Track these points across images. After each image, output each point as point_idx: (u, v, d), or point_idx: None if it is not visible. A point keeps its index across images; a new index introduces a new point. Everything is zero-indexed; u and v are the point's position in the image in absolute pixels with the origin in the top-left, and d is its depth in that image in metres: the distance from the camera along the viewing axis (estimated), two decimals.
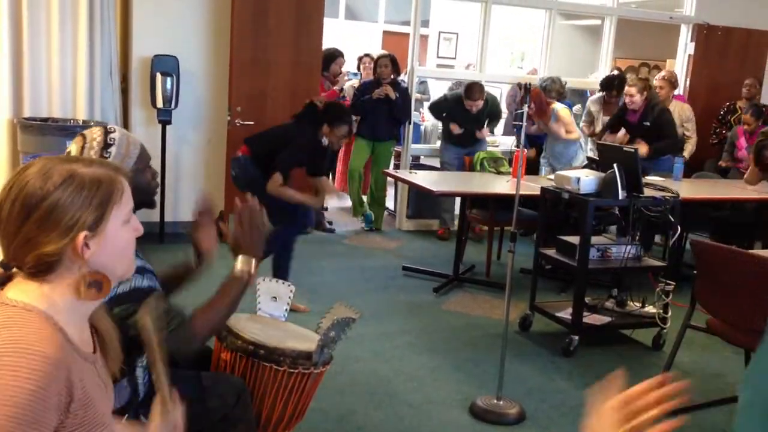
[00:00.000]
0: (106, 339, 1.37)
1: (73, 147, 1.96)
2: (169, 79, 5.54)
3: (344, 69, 6.81)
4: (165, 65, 5.55)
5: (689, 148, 6.61)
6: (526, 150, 4.76)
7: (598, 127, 6.60)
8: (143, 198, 2.04)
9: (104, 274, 1.27)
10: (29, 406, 1.12)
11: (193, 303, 1.93)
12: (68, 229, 1.22)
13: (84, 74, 5.46)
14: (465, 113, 6.25)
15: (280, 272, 4.30)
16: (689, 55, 7.58)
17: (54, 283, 1.24)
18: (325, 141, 4.44)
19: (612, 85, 6.38)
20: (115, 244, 1.28)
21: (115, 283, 1.36)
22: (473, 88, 6.14)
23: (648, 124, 5.75)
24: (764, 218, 5.57)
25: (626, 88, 5.87)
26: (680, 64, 7.64)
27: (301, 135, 4.40)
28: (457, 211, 6.38)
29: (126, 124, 5.75)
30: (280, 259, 4.38)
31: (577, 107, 7.29)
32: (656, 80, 6.74)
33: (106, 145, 1.94)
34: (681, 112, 6.58)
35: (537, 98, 5.81)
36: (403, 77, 6.78)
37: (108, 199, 1.26)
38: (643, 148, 5.52)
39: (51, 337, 1.19)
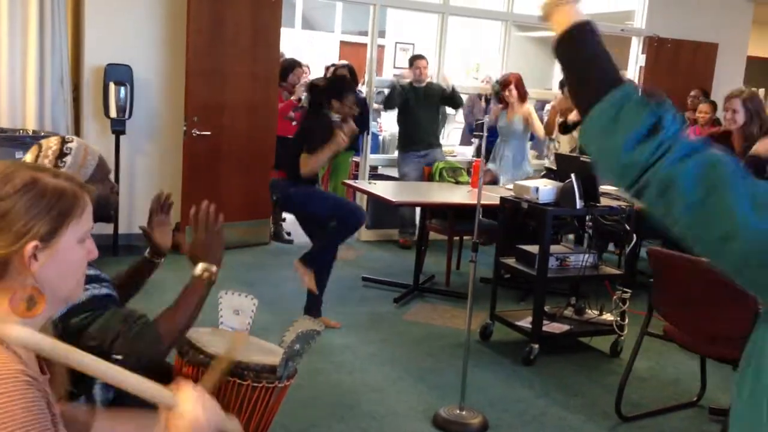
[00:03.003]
0: (54, 364, 1.32)
1: (28, 156, 1.90)
2: (122, 89, 5.43)
3: (307, 79, 6.76)
4: (118, 74, 5.44)
5: None
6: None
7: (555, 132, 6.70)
8: (101, 211, 1.98)
9: (40, 291, 1.20)
10: (39, 425, 1.08)
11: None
12: (19, 236, 1.16)
13: (34, 83, 5.32)
14: (418, 95, 6.27)
15: (319, 281, 4.33)
16: (640, 67, 7.75)
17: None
18: (335, 117, 4.34)
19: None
20: (65, 262, 1.22)
21: (59, 306, 1.31)
22: (416, 56, 6.38)
23: None
24: None
25: None
26: (632, 76, 7.80)
27: (312, 120, 4.37)
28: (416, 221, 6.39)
29: (78, 134, 5.62)
30: (320, 263, 4.34)
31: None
32: None
33: (61, 154, 1.89)
34: None
35: (519, 83, 5.95)
36: (360, 87, 6.77)
37: (67, 213, 1.21)
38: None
39: (7, 357, 1.14)
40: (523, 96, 5.96)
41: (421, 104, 6.28)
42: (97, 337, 1.76)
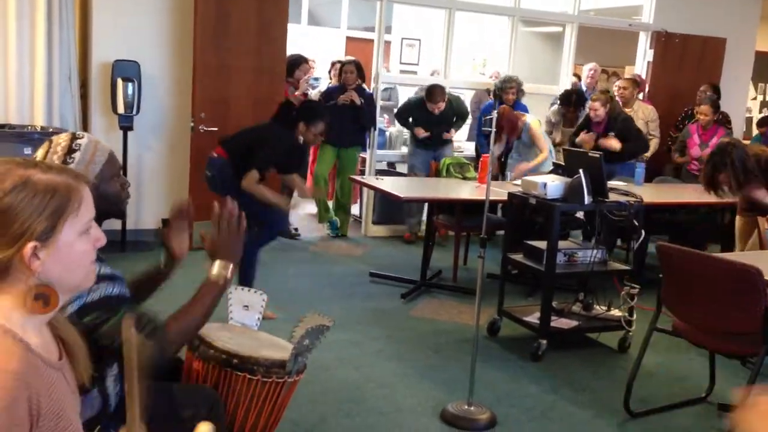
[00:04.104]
0: (73, 347, 1.32)
1: (39, 152, 1.90)
2: (130, 85, 5.44)
3: (312, 75, 6.78)
4: (126, 70, 5.45)
5: (651, 148, 6.76)
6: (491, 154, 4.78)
7: (558, 137, 6.72)
8: (111, 208, 1.98)
9: (51, 287, 1.21)
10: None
11: (167, 309, 1.88)
12: (16, 238, 1.16)
13: (42, 79, 5.33)
14: (429, 116, 6.30)
15: (245, 280, 4.27)
16: (648, 61, 7.72)
17: (6, 293, 1.19)
18: (301, 139, 4.43)
19: (570, 100, 6.60)
20: (68, 256, 1.22)
21: (71, 294, 1.31)
22: (434, 91, 6.22)
23: (613, 134, 5.93)
24: (717, 221, 5.70)
25: (590, 103, 6.02)
26: (639, 71, 7.77)
27: (278, 135, 4.39)
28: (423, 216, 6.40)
29: (86, 130, 5.64)
30: (244, 266, 4.33)
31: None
32: (621, 81, 6.96)
33: (70, 151, 1.89)
34: (645, 112, 6.75)
35: (506, 116, 5.83)
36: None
37: (63, 209, 1.20)
38: (616, 144, 5.76)
39: (11, 351, 1.14)
40: (512, 127, 5.90)
41: (433, 120, 6.36)
42: (109, 336, 1.77)
